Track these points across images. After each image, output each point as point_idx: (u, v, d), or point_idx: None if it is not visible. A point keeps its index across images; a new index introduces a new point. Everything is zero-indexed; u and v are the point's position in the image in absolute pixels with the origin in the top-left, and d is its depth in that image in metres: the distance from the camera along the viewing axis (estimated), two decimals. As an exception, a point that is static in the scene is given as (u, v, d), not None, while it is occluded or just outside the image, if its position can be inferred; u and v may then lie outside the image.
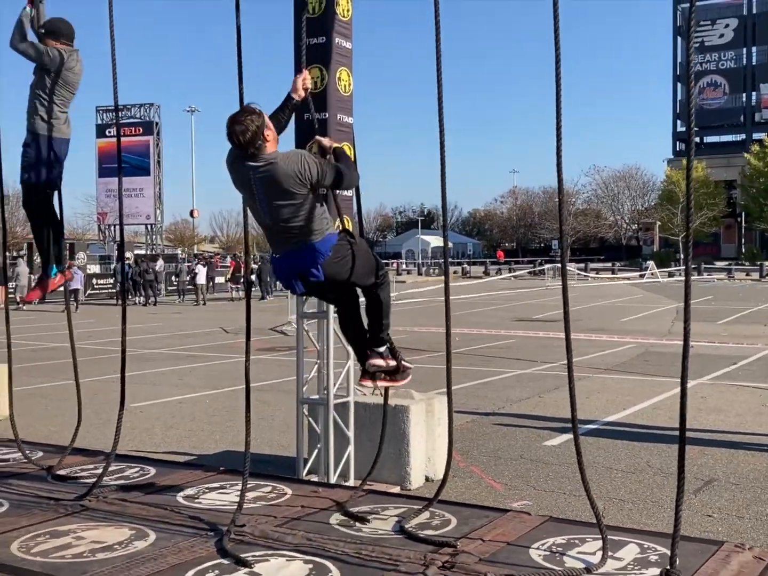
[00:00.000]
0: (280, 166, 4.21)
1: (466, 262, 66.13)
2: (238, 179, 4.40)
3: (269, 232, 4.54)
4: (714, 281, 46.15)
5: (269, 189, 4.26)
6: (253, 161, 4.25)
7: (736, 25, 77.95)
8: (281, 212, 4.32)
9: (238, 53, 4.70)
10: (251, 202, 4.44)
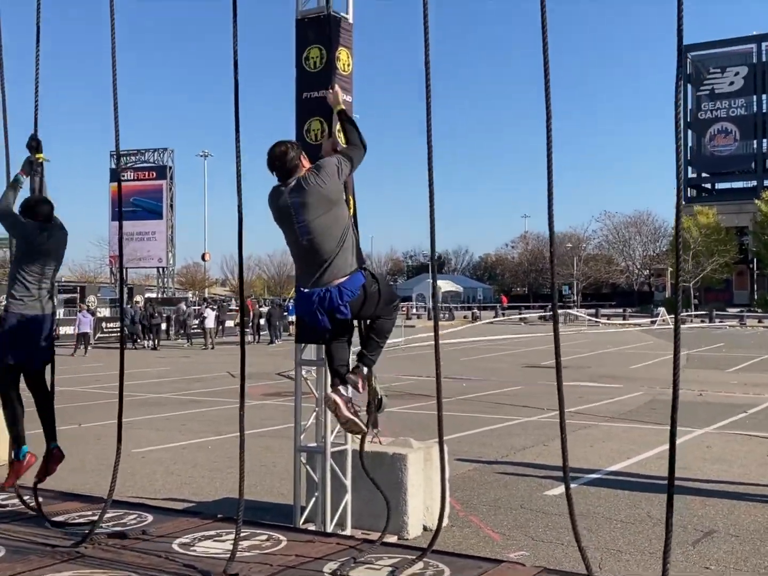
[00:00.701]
0: (313, 179, 4.53)
1: (476, 306, 66.10)
2: (277, 209, 4.67)
3: (304, 256, 4.66)
4: (726, 328, 45.96)
5: (306, 204, 4.52)
6: (288, 185, 4.59)
7: (746, 73, 78.60)
8: (317, 225, 4.52)
9: (236, 107, 4.81)
10: (289, 226, 4.63)
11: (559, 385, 4.31)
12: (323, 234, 4.55)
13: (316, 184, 4.51)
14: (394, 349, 27.93)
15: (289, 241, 4.73)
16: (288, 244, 4.80)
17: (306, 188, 4.52)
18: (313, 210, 4.51)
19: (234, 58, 5.02)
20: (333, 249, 4.57)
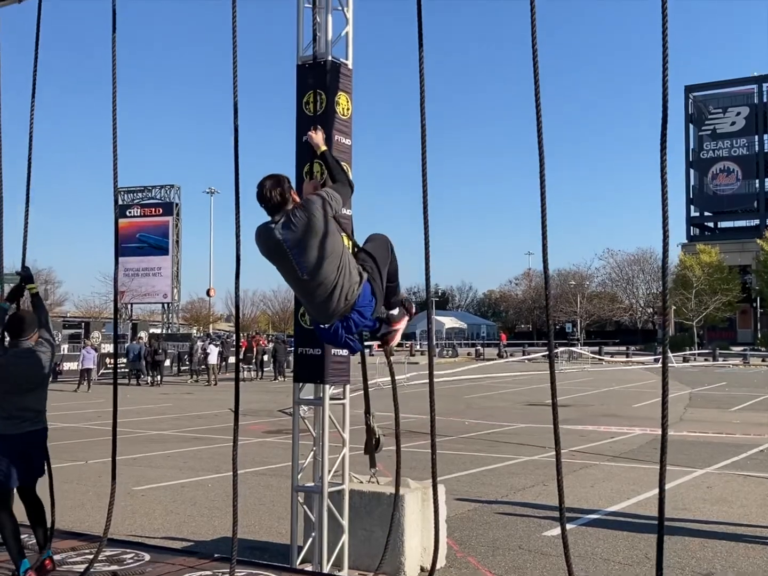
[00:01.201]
0: (302, 213, 4.46)
1: (480, 343, 66.05)
2: (268, 246, 4.56)
3: (307, 291, 4.60)
4: (729, 366, 45.83)
5: (299, 238, 4.44)
6: (277, 220, 4.50)
7: (748, 113, 79.21)
8: (315, 258, 4.45)
9: (236, 151, 4.91)
10: (286, 263, 4.54)
11: (556, 429, 4.34)
12: (321, 265, 4.48)
13: (303, 218, 4.44)
14: (397, 386, 27.88)
15: (289, 278, 4.67)
16: (288, 282, 4.73)
17: (295, 223, 4.45)
18: (306, 244, 4.45)
19: (234, 104, 5.14)
20: (335, 277, 4.50)
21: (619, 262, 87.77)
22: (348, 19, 6.30)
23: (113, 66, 5.74)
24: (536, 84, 4.45)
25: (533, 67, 4.31)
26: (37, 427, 5.91)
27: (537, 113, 4.40)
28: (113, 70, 5.73)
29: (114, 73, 5.73)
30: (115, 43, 5.78)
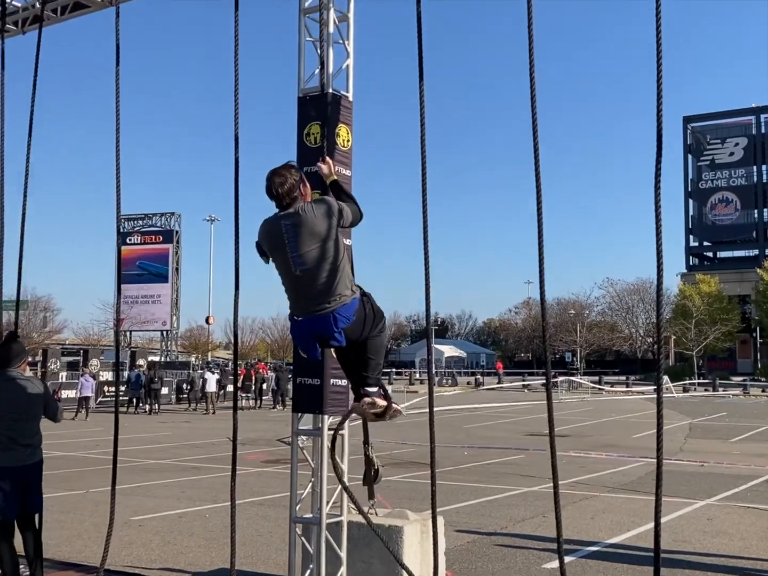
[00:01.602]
0: (311, 210, 4.51)
1: (479, 372, 65.93)
2: (270, 233, 4.59)
3: (296, 287, 4.61)
4: (729, 397, 45.71)
5: (300, 234, 4.47)
6: (285, 212, 4.54)
7: (746, 144, 79.72)
8: (312, 257, 4.47)
9: (236, 183, 4.94)
10: (282, 255, 4.55)
11: (554, 461, 4.33)
12: (317, 266, 4.50)
13: (310, 216, 4.48)
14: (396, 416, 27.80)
15: (282, 270, 4.66)
16: (280, 274, 4.71)
17: (302, 217, 4.48)
18: (307, 241, 4.47)
19: (235, 136, 5.18)
20: (327, 280, 4.51)
21: (618, 292, 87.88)
22: (349, 52, 6.37)
23: (116, 98, 5.79)
24: (534, 120, 4.50)
25: (531, 104, 4.36)
26: (35, 460, 5.90)
27: (534, 147, 4.44)
28: (116, 103, 5.78)
29: (117, 105, 5.78)
30: (118, 76, 5.84)
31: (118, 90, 5.84)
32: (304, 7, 6.35)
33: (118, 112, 5.84)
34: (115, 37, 5.78)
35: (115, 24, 5.84)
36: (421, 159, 5.06)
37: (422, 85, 4.94)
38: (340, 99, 6.30)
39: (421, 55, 4.97)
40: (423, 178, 5.16)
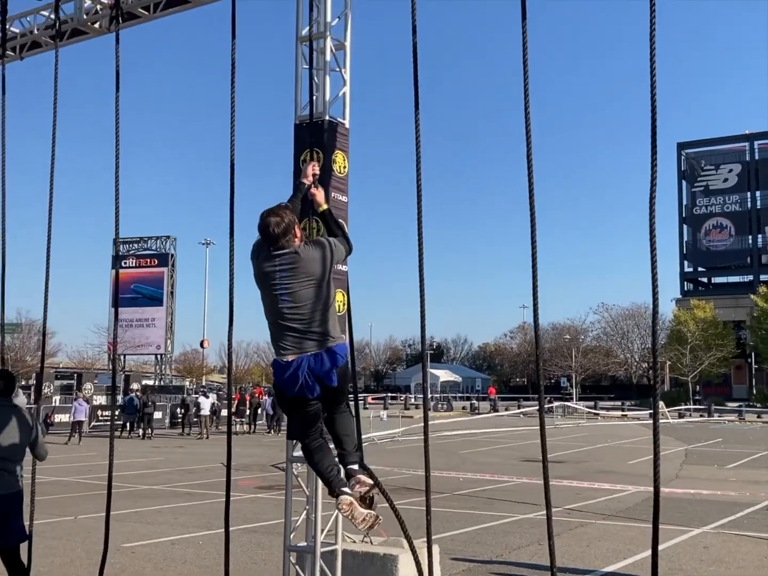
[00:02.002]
0: (306, 251, 4.52)
1: (474, 397, 65.76)
2: (262, 270, 4.57)
3: (286, 326, 4.52)
4: (725, 423, 45.62)
5: (296, 274, 4.47)
6: (279, 251, 4.51)
7: (740, 170, 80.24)
8: (305, 298, 4.46)
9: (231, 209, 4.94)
10: (272, 293, 4.52)
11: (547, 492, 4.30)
12: (310, 306, 4.48)
13: (310, 257, 4.49)
14: (391, 440, 27.72)
15: (270, 308, 4.61)
16: (267, 310, 4.65)
17: (298, 257, 4.48)
18: (302, 281, 4.47)
19: (231, 163, 5.19)
20: (320, 320, 4.50)
21: (614, 317, 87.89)
22: (345, 80, 6.41)
23: (116, 124, 5.81)
24: (528, 149, 4.51)
25: (525, 132, 4.37)
26: (15, 490, 5.83)
27: (529, 177, 4.46)
28: (116, 128, 5.79)
29: (117, 131, 5.80)
30: (118, 102, 5.86)
31: (117, 116, 5.86)
32: (300, 35, 6.39)
33: (117, 138, 5.86)
34: (115, 63, 5.81)
35: (115, 50, 5.87)
36: (417, 186, 5.07)
37: (417, 113, 4.96)
38: (336, 126, 6.33)
39: (417, 85, 4.99)
40: (418, 203, 5.17)
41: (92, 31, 7.80)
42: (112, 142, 5.88)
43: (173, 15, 7.63)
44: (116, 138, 5.95)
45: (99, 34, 7.78)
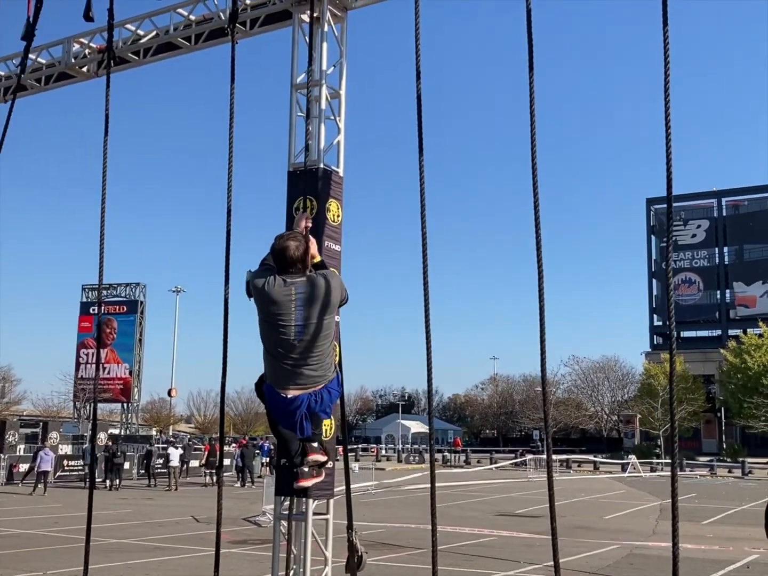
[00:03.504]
0: (319, 279, 4.47)
1: (446, 449, 65.27)
2: (272, 297, 4.43)
3: (292, 359, 4.42)
4: (696, 477, 45.58)
5: (312, 303, 4.41)
6: (296, 278, 4.44)
7: (708, 226, 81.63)
8: (317, 328, 4.41)
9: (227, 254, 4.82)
10: (283, 322, 4.41)
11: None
12: (318, 337, 4.43)
13: (328, 286, 4.45)
14: (364, 494, 27.29)
15: (274, 338, 4.46)
16: (271, 340, 4.50)
17: (317, 285, 4.44)
18: (316, 311, 4.41)
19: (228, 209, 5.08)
20: (322, 353, 4.47)
21: (584, 369, 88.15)
22: (340, 128, 6.35)
23: (104, 168, 5.68)
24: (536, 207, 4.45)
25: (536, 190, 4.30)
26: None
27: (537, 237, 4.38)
28: (103, 172, 5.66)
29: (104, 175, 5.67)
30: (106, 145, 5.74)
31: (105, 160, 5.73)
32: (296, 83, 6.34)
33: (104, 182, 5.73)
34: (105, 107, 5.70)
35: (105, 93, 5.76)
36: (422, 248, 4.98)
37: (422, 159, 4.89)
38: (330, 174, 6.25)
39: (421, 134, 4.93)
40: (425, 262, 5.07)
41: (80, 75, 7.70)
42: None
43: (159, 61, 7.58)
44: (103, 182, 5.81)
45: (87, 78, 7.69)
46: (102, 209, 5.82)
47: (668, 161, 3.62)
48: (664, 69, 4.07)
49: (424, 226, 5.06)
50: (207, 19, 7.61)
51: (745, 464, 48.03)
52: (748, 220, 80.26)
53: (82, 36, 7.80)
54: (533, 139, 4.47)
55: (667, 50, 4.05)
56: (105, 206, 5.84)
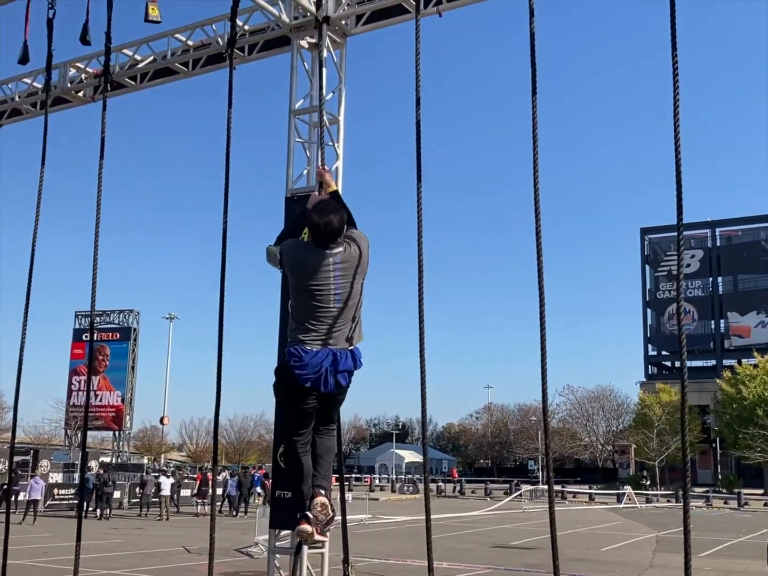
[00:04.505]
0: (360, 249, 4.67)
1: (441, 479, 64.82)
2: (313, 268, 4.58)
3: (323, 319, 4.57)
4: (692, 508, 45.29)
5: (350, 271, 4.60)
6: (333, 247, 4.59)
7: (702, 256, 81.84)
8: (353, 292, 4.61)
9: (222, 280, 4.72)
10: (322, 288, 4.56)
11: None
12: (353, 303, 4.62)
13: (363, 254, 4.64)
14: (357, 524, 26.98)
15: (314, 300, 4.57)
16: (306, 307, 4.60)
17: (354, 256, 4.61)
18: (354, 278, 4.60)
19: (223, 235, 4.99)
20: (354, 318, 4.66)
21: (579, 399, 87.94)
22: (339, 154, 6.28)
23: (98, 192, 5.59)
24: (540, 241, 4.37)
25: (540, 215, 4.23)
26: None
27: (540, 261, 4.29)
28: (98, 197, 5.57)
29: (99, 199, 5.58)
30: (101, 169, 5.66)
31: (100, 183, 5.65)
32: (294, 108, 6.28)
33: (99, 207, 5.64)
34: (101, 130, 5.62)
35: (102, 117, 5.69)
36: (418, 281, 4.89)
37: (420, 186, 4.81)
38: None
39: (419, 161, 4.86)
40: (420, 288, 4.98)
41: (76, 100, 7.64)
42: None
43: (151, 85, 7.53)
44: (97, 208, 5.72)
45: (83, 103, 7.63)
46: (96, 233, 5.74)
47: (678, 187, 3.55)
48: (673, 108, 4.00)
49: (421, 253, 5.00)
50: (205, 45, 7.58)
51: (741, 495, 47.76)
52: (742, 251, 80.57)
53: (78, 60, 7.75)
54: (536, 167, 4.41)
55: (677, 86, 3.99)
56: (99, 230, 5.76)
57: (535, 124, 4.38)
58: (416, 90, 4.69)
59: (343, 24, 7.29)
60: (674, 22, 4.24)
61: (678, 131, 3.88)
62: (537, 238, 4.37)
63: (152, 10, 6.41)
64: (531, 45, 4.48)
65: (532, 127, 4.40)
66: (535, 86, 4.39)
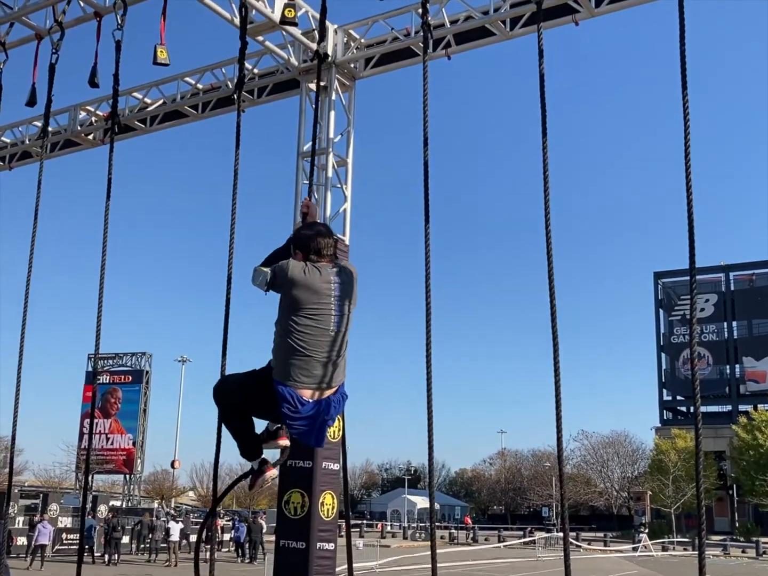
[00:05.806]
0: (352, 271, 4.59)
1: (453, 526, 63.97)
2: (315, 287, 4.39)
3: (325, 349, 4.35)
4: (709, 557, 44.42)
5: (346, 293, 4.47)
6: (332, 268, 4.49)
7: (716, 300, 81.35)
8: (348, 318, 4.47)
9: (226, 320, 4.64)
10: (323, 310, 4.37)
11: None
12: (347, 328, 4.44)
13: (350, 277, 4.52)
14: (368, 572, 26.55)
15: (313, 329, 4.32)
16: (305, 332, 4.32)
17: (351, 276, 4.52)
18: (347, 301, 4.46)
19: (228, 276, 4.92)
20: (344, 349, 4.44)
21: (593, 444, 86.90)
22: (347, 196, 6.22)
23: (104, 233, 5.54)
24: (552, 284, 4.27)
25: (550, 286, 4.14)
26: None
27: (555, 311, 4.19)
28: (104, 238, 5.53)
29: (104, 240, 5.53)
30: (107, 210, 5.62)
31: (106, 225, 5.61)
32: (302, 151, 6.24)
33: (104, 246, 5.59)
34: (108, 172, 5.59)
35: (109, 158, 5.66)
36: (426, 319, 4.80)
37: (428, 227, 4.74)
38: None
39: (427, 202, 4.79)
40: (428, 331, 4.88)
41: (85, 143, 7.66)
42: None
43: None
44: (103, 247, 5.67)
45: (92, 146, 7.66)
46: (101, 275, 5.69)
47: (690, 230, 3.46)
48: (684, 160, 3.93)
49: (429, 296, 4.91)
50: (215, 88, 7.59)
51: (759, 544, 46.80)
52: (757, 295, 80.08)
53: (88, 104, 7.79)
54: (547, 212, 4.33)
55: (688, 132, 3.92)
56: (104, 272, 5.71)
57: (545, 166, 4.31)
58: (424, 131, 4.63)
59: (352, 67, 7.29)
60: (684, 68, 4.18)
61: (690, 179, 3.80)
62: (549, 282, 4.28)
63: (161, 53, 6.44)
64: (540, 86, 4.43)
65: (543, 168, 4.34)
66: (545, 128, 4.33)
